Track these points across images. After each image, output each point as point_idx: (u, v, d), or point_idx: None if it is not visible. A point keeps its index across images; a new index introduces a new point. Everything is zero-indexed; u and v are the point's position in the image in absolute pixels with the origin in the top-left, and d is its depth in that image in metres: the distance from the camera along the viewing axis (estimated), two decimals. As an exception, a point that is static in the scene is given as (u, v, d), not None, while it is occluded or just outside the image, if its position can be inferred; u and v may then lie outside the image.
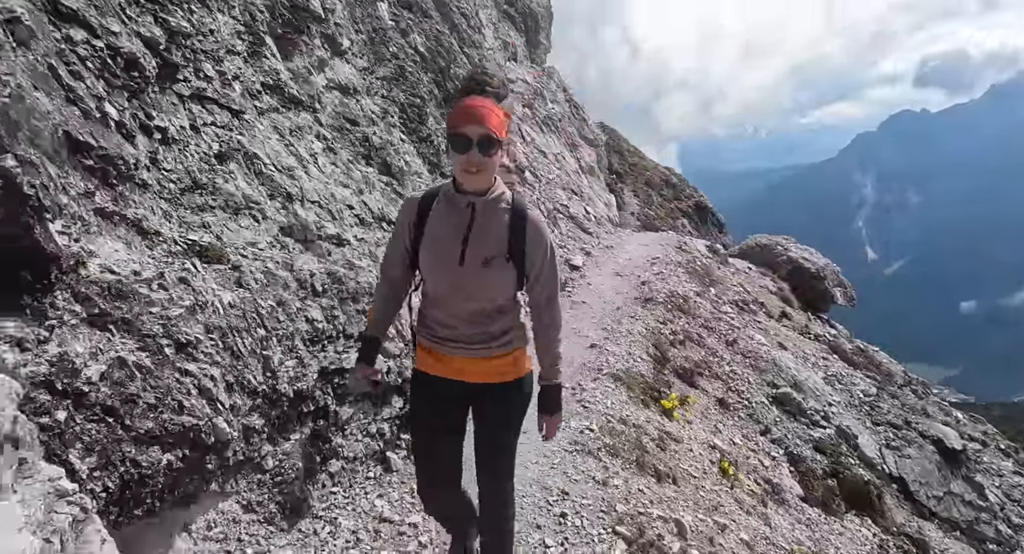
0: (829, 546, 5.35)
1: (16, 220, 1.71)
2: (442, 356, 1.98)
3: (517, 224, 1.87)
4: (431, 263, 1.89)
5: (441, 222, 1.88)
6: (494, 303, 1.92)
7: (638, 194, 31.59)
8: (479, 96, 1.75)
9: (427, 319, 2.00)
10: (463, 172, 1.77)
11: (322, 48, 4.60)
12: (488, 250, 1.85)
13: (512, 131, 9.69)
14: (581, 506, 3.48)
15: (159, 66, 2.88)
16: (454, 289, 1.89)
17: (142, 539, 2.25)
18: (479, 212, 1.86)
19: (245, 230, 3.15)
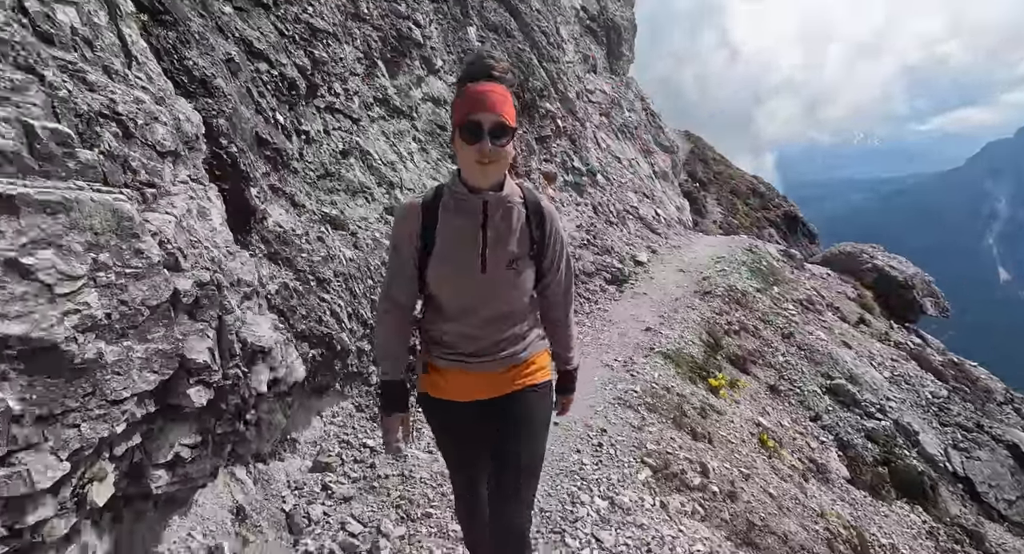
0: (872, 524, 5.59)
1: (236, 184, 2.75)
2: (465, 375, 1.80)
3: (535, 219, 1.76)
4: (447, 275, 1.71)
5: (452, 227, 1.70)
6: (515, 306, 1.78)
7: (722, 202, 31.13)
8: (487, 81, 1.61)
9: (443, 337, 1.79)
10: (475, 164, 1.60)
11: (420, 68, 5.64)
12: (511, 251, 1.71)
13: (587, 137, 10.44)
14: (616, 441, 4.16)
15: (306, 86, 3.96)
16: (476, 299, 1.72)
17: (292, 416, 3.25)
18: (492, 211, 1.69)
19: (360, 208, 4.16)
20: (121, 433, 1.52)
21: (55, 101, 1.57)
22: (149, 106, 1.96)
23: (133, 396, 1.53)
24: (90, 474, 1.46)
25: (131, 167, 1.77)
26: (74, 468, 1.39)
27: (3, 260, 1.32)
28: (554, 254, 1.81)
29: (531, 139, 7.97)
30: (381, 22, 5.11)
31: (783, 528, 4.16)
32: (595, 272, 7.77)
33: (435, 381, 1.84)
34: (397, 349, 1.86)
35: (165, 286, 1.67)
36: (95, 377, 1.45)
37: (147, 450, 1.64)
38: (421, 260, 1.73)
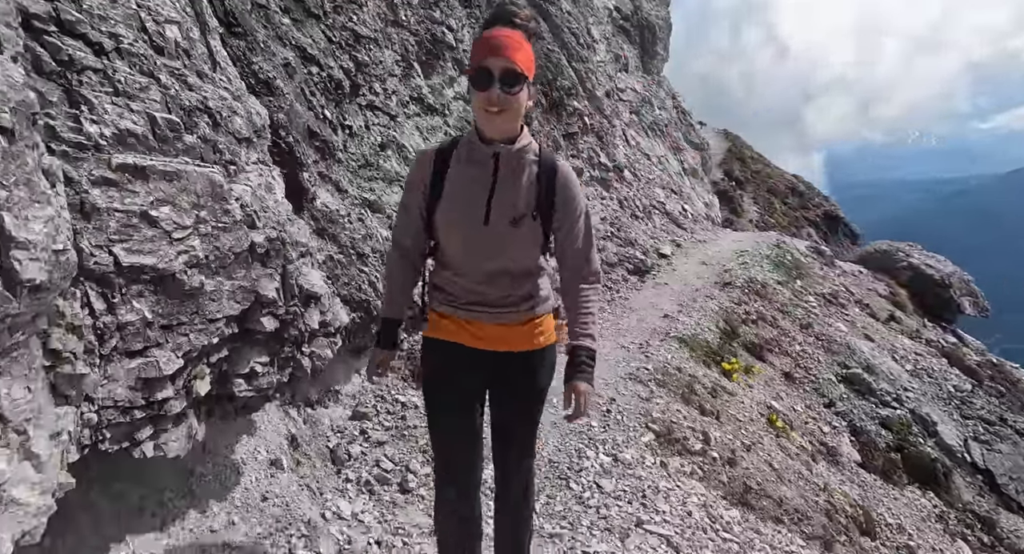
0: (880, 506, 5.78)
1: (292, 169, 3.27)
2: (464, 321, 1.79)
3: (546, 177, 1.72)
4: (451, 223, 1.72)
5: (461, 177, 1.71)
6: (520, 265, 1.76)
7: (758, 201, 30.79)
8: (504, 27, 1.59)
9: (446, 286, 1.82)
10: (483, 112, 1.60)
11: (452, 69, 6.12)
12: (516, 207, 1.70)
13: (615, 134, 10.76)
14: (624, 409, 4.55)
15: (350, 86, 4.48)
16: (477, 251, 1.72)
17: (335, 370, 3.76)
18: (503, 164, 1.69)
19: (395, 194, 4.66)
20: (214, 345, 2.02)
21: (167, 98, 2.09)
22: (230, 102, 2.47)
23: (223, 318, 2.03)
24: (195, 372, 1.97)
25: (219, 149, 2.28)
26: (185, 365, 1.90)
27: (139, 212, 1.84)
28: (567, 217, 1.75)
29: (558, 136, 8.37)
30: (417, 27, 5.61)
31: (780, 494, 4.46)
32: (618, 263, 8.12)
33: (437, 323, 1.85)
34: (399, 291, 1.93)
35: (245, 239, 2.17)
36: (198, 301, 1.96)
37: (231, 362, 2.15)
38: (429, 205, 1.75)
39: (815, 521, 4.39)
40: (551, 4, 9.41)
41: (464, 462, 1.89)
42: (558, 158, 1.82)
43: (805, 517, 4.37)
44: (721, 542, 3.41)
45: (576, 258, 1.83)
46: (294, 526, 2.50)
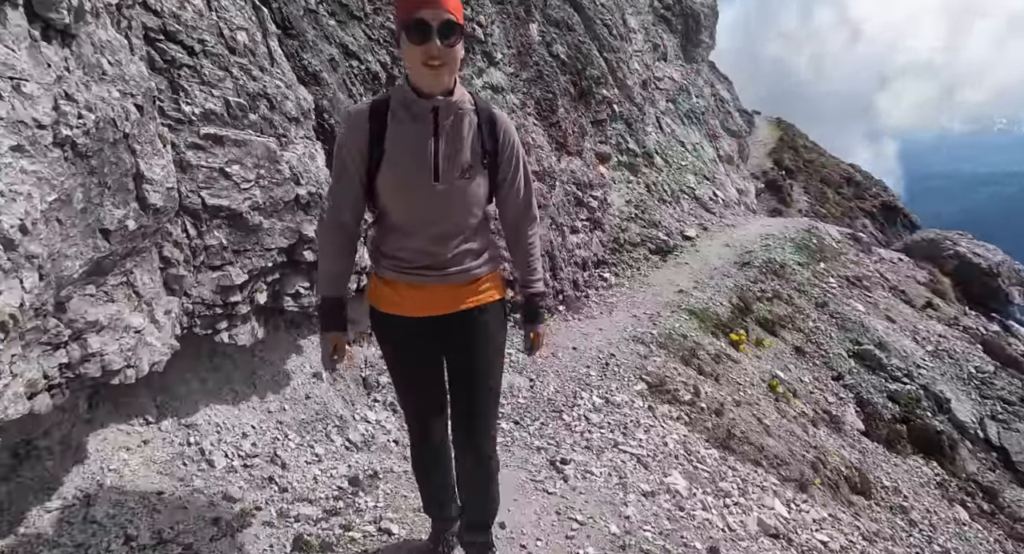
0: (878, 469, 6.08)
1: (331, 145, 3.99)
2: (417, 288, 1.75)
3: (487, 126, 1.72)
4: (399, 185, 1.66)
5: (402, 135, 1.64)
6: (470, 218, 1.74)
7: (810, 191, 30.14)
8: None
9: (394, 251, 1.75)
10: (423, 66, 1.54)
11: (482, 61, 6.75)
12: (463, 159, 1.68)
13: (646, 122, 11.11)
14: (622, 362, 5.09)
15: (386, 77, 5.18)
16: (429, 210, 1.67)
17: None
18: (443, 116, 1.64)
19: (425, 172, 5.35)
20: (269, 268, 2.75)
21: (237, 86, 2.82)
22: (283, 90, 3.19)
23: (275, 248, 2.75)
24: (256, 287, 2.70)
25: (274, 125, 3.00)
26: (249, 280, 2.63)
27: (218, 168, 2.57)
28: (510, 165, 1.76)
29: (586, 122, 8.85)
30: (449, 24, 6.27)
31: (764, 443, 4.89)
32: (640, 242, 8.57)
33: (386, 295, 1.78)
34: (339, 267, 1.80)
35: (291, 192, 2.88)
36: (258, 234, 2.68)
37: (282, 283, 2.87)
38: (369, 171, 1.66)
39: (794, 468, 4.81)
40: (584, -3, 9.86)
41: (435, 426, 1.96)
42: (493, 106, 1.78)
43: (784, 463, 4.80)
44: (691, 468, 3.93)
45: (519, 205, 1.84)
46: (330, 419, 3.22)
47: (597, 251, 7.78)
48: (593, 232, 7.87)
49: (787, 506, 4.20)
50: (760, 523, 3.76)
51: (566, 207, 7.26)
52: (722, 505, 3.71)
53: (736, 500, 3.87)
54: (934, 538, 5.48)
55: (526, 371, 4.70)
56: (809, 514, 4.26)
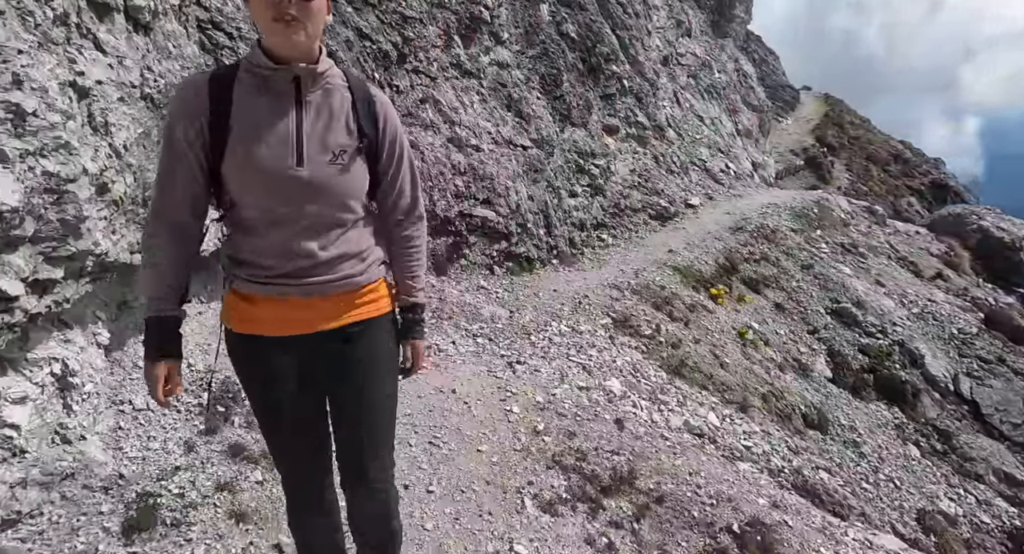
0: (837, 410, 6.67)
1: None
2: (281, 301, 1.42)
3: (364, 106, 1.43)
4: (253, 170, 1.32)
5: (254, 110, 1.33)
6: (350, 213, 1.43)
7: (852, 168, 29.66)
8: None
9: (250, 256, 1.41)
10: (273, 23, 1.25)
11: (489, 40, 7.53)
12: (335, 140, 1.38)
13: (660, 96, 11.60)
14: (593, 302, 5.88)
15: (397, 56, 6.06)
16: (292, 200, 1.35)
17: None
18: (307, 87, 1.36)
19: (429, 136, 6.23)
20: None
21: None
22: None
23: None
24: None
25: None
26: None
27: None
28: (392, 152, 1.50)
29: (594, 96, 9.50)
30: (458, 8, 7.07)
31: (714, 373, 5.61)
32: (641, 209, 9.23)
33: (244, 312, 1.45)
34: (172, 277, 1.41)
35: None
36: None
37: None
38: (212, 157, 1.35)
39: (738, 394, 5.51)
40: (598, -23, 10.41)
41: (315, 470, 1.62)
42: (371, 85, 1.52)
43: (730, 389, 5.51)
44: (633, 380, 4.73)
45: (403, 203, 1.57)
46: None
47: (597, 214, 8.51)
48: (594, 197, 8.60)
49: (720, 419, 4.95)
50: (686, 423, 4.53)
51: (565, 172, 8.01)
52: (654, 408, 4.50)
53: (671, 408, 4.65)
54: (880, 468, 6.09)
55: (507, 305, 5.58)
56: (741, 427, 4.99)
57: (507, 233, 6.56)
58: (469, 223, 6.21)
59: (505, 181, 6.66)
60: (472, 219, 6.23)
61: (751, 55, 35.79)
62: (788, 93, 35.60)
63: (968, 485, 6.31)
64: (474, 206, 6.24)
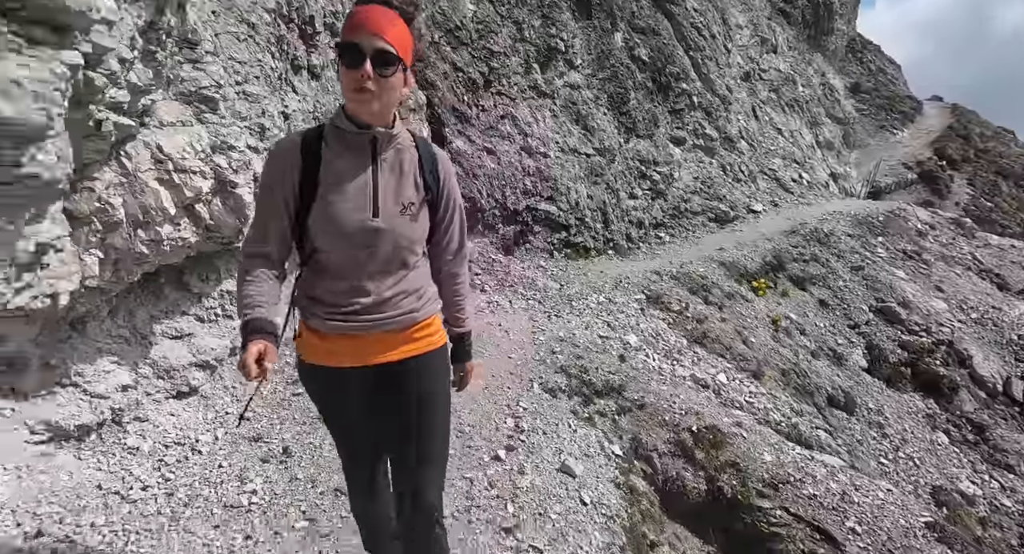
0: (868, 398, 7.20)
1: (438, 128, 6.55)
2: (351, 336, 1.64)
3: (429, 164, 1.67)
4: (337, 220, 1.54)
5: (339, 167, 1.55)
6: (413, 256, 1.67)
7: (975, 183, 27.79)
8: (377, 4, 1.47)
9: (324, 295, 1.63)
10: (352, 92, 1.47)
11: (563, 66, 8.93)
12: (404, 194, 1.60)
13: (734, 110, 12.34)
14: (632, 282, 7.00)
15: (483, 82, 7.62)
16: (367, 248, 1.57)
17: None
18: (382, 148, 1.59)
19: (504, 144, 7.72)
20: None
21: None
22: (408, 92, 5.82)
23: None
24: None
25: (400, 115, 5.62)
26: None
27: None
28: (448, 204, 1.74)
29: (661, 111, 10.55)
30: (537, 41, 8.56)
31: (734, 346, 6.49)
32: (701, 212, 10.11)
33: (316, 345, 1.67)
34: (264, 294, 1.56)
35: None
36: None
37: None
38: (300, 208, 1.56)
39: (753, 364, 6.35)
40: (674, 5, 11.49)
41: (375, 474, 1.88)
42: (433, 145, 1.77)
43: (746, 360, 6.36)
44: (651, 339, 5.81)
45: (455, 245, 1.81)
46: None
47: (656, 215, 9.56)
48: (655, 200, 9.66)
49: (729, 379, 5.87)
50: (692, 376, 5.55)
51: (625, 177, 9.17)
52: (665, 360, 5.57)
53: (682, 363, 5.69)
54: (901, 447, 6.60)
55: (559, 280, 6.87)
56: (748, 388, 5.88)
57: (567, 225, 7.86)
58: (534, 215, 7.60)
59: (567, 182, 7.99)
60: (537, 212, 7.61)
61: (866, 65, 34.29)
62: (908, 104, 33.62)
63: (996, 473, 6.59)
64: (539, 202, 7.62)
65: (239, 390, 3.31)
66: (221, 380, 3.31)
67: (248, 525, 2.51)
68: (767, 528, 3.76)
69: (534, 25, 8.55)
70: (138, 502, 2.46)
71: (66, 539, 2.19)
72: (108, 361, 2.82)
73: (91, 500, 2.38)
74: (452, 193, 1.77)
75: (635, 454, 3.99)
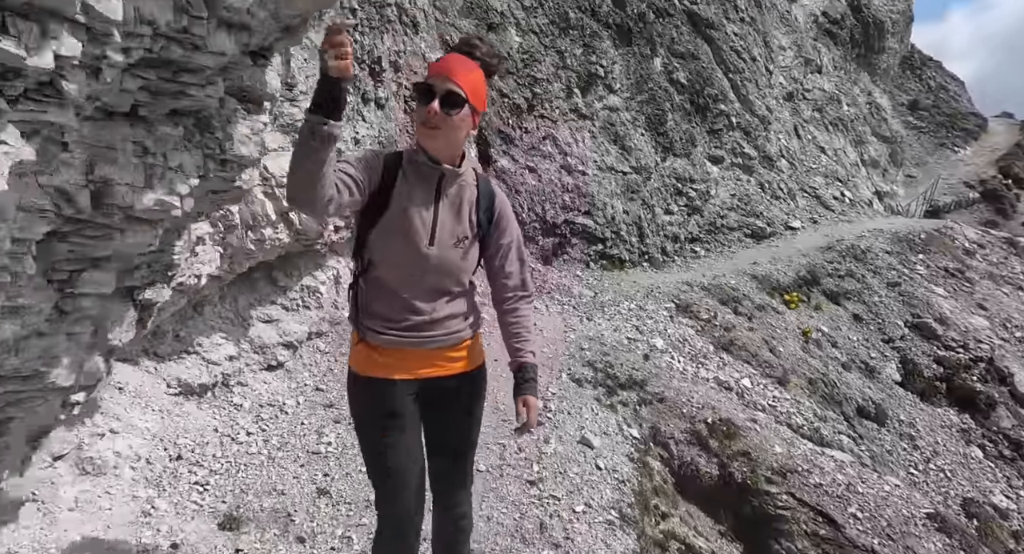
0: (900, 410, 7.33)
1: (484, 148, 7.26)
2: (401, 351, 1.79)
3: (485, 202, 1.82)
4: (393, 242, 1.72)
5: (407, 194, 1.71)
6: (459, 285, 1.83)
7: (1043, 203, 26.65)
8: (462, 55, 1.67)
9: (378, 308, 1.78)
10: (421, 127, 1.65)
11: (603, 90, 9.53)
12: (459, 229, 1.77)
13: (773, 129, 12.59)
14: (663, 292, 7.42)
15: (527, 107, 8.30)
16: (420, 270, 1.74)
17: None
18: (447, 184, 1.75)
19: (545, 163, 8.35)
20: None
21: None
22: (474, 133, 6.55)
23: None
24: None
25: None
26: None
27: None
28: (500, 242, 1.85)
29: (699, 131, 10.96)
30: (578, 68, 9.20)
31: (760, 353, 6.80)
32: (737, 228, 10.42)
33: (369, 358, 1.80)
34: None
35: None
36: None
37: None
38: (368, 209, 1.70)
39: (779, 371, 6.64)
40: (713, 30, 11.94)
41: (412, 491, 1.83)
42: (493, 183, 1.90)
43: (772, 367, 6.66)
44: (678, 343, 6.23)
45: (511, 278, 1.90)
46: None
47: (692, 230, 9.94)
48: (691, 216, 10.05)
49: (753, 384, 6.21)
50: (717, 379, 5.93)
51: (661, 193, 9.62)
52: (691, 363, 5.98)
53: (707, 367, 6.08)
54: (932, 459, 6.72)
55: (593, 288, 7.38)
56: (772, 392, 6.20)
57: (603, 238, 8.38)
58: (572, 228, 8.16)
59: (604, 198, 8.54)
60: (575, 225, 8.17)
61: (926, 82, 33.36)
62: (971, 121, 32.48)
63: (1032, 488, 6.59)
64: (576, 216, 8.19)
65: (315, 368, 4.00)
66: (301, 358, 4.01)
67: (325, 466, 3.16)
68: (773, 511, 4.13)
69: (576, 53, 9.20)
70: (244, 443, 3.16)
71: (196, 463, 2.89)
72: (219, 336, 3.56)
73: (210, 438, 3.09)
74: (506, 231, 1.87)
75: (653, 440, 4.44)
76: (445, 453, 1.91)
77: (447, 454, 1.91)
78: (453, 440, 1.92)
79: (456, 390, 1.88)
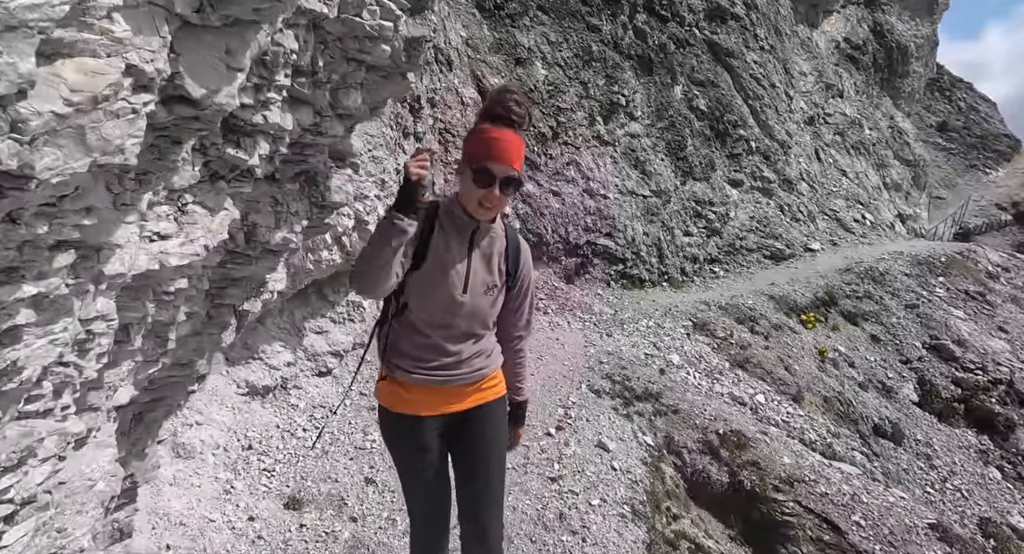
0: (917, 430, 7.46)
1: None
2: (430, 389, 1.91)
3: (512, 252, 1.95)
4: (432, 289, 1.85)
5: (444, 245, 1.84)
6: (487, 328, 1.96)
7: (1073, 226, 26.22)
8: (505, 127, 1.75)
9: (409, 348, 1.90)
10: (478, 204, 1.76)
11: (624, 117, 9.99)
12: (490, 278, 1.90)
13: (793, 153, 12.86)
14: (681, 311, 7.74)
15: (551, 134, 8.80)
16: (452, 317, 1.86)
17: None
18: (480, 237, 1.88)
19: (568, 186, 8.80)
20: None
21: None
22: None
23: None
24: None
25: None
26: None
27: (457, 180, 6.49)
28: (522, 288, 2.00)
29: (719, 156, 11.32)
30: (601, 97, 9.69)
31: (775, 371, 7.05)
32: (756, 249, 10.68)
33: (399, 395, 1.92)
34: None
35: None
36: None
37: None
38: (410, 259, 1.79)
39: (793, 388, 6.87)
40: (733, 58, 12.35)
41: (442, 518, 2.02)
42: (519, 234, 2.07)
43: (786, 384, 6.90)
44: (694, 360, 6.54)
45: (522, 320, 2.07)
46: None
47: (711, 251, 10.24)
48: (710, 237, 10.37)
49: (767, 400, 6.46)
50: (731, 395, 6.21)
51: (680, 215, 9.98)
52: (706, 379, 6.28)
53: (723, 382, 6.37)
54: (949, 479, 6.84)
55: (613, 306, 7.74)
56: (786, 408, 6.44)
57: (623, 258, 8.76)
58: (594, 249, 8.57)
59: (625, 220, 8.93)
60: (596, 246, 8.58)
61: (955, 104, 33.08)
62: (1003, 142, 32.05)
63: (1050, 510, 6.64)
64: (598, 237, 8.59)
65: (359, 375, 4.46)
66: (347, 366, 4.48)
67: (371, 460, 3.59)
68: (780, 517, 4.41)
69: (598, 84, 9.70)
70: (300, 438, 3.62)
71: (263, 452, 3.35)
72: (278, 345, 4.06)
73: (273, 432, 3.56)
74: (527, 279, 2.02)
75: (667, 448, 4.77)
76: (474, 480, 2.00)
77: (476, 481, 2.00)
78: (482, 468, 2.01)
79: (480, 420, 1.99)
